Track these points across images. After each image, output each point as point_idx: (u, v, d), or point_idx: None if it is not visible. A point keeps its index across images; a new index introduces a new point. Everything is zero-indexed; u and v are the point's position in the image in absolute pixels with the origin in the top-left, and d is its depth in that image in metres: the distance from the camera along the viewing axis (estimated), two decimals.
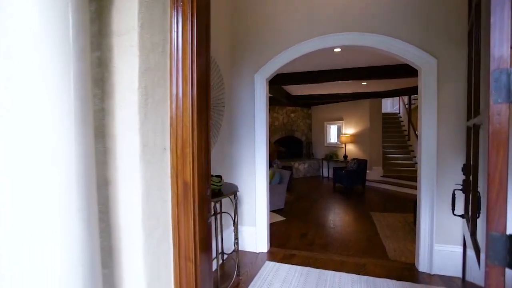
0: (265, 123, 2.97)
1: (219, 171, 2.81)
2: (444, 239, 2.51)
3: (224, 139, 2.99)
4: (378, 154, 8.28)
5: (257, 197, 3.11)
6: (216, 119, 2.75)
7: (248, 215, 3.19)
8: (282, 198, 5.56)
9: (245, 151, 3.12)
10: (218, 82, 2.76)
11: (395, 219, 4.84)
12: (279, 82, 5.66)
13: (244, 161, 3.14)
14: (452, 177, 2.42)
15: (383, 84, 6.86)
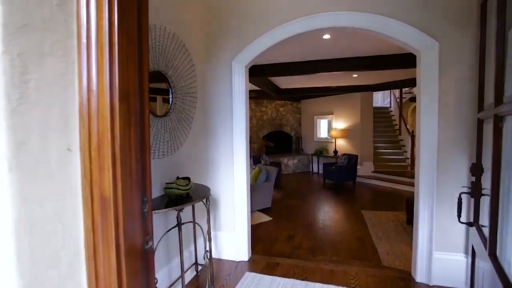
0: (245, 117, 2.62)
1: (190, 172, 2.45)
2: (445, 246, 2.23)
3: (198, 135, 2.63)
4: (369, 149, 8.06)
5: (236, 199, 2.77)
6: (187, 111, 2.38)
7: (226, 219, 2.85)
8: (269, 196, 5.24)
9: (223, 148, 2.77)
10: (189, 68, 2.38)
11: (386, 218, 4.60)
12: (265, 73, 5.29)
13: (222, 159, 2.79)
14: (456, 178, 2.14)
15: (375, 76, 6.59)
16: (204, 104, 2.74)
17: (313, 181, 8.09)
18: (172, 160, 2.17)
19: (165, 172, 2.08)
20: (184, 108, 2.33)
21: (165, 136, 2.07)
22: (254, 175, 5.45)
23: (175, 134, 2.21)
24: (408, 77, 6.69)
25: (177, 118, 2.24)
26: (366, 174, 7.94)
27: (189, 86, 2.40)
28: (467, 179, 2.11)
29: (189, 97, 2.39)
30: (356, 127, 8.21)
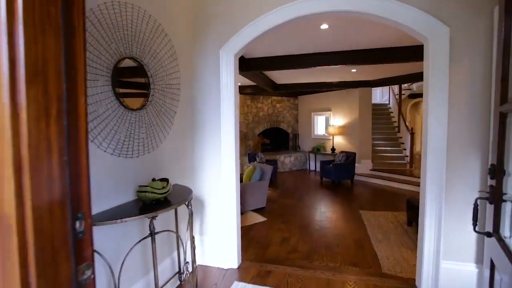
0: (234, 111, 2.38)
1: (172, 172, 2.21)
2: (454, 254, 2.02)
3: (181, 131, 2.39)
4: (367, 146, 7.85)
5: (224, 201, 2.54)
6: (168, 105, 2.13)
7: (214, 223, 2.61)
8: (264, 196, 5.02)
9: (210, 145, 2.53)
10: (170, 57, 2.13)
11: (386, 219, 4.39)
12: (260, 67, 5.04)
13: (209, 158, 2.54)
14: (467, 180, 1.92)
15: (374, 72, 6.36)
16: (189, 98, 2.49)
17: (310, 179, 7.88)
18: (149, 159, 1.93)
19: (141, 173, 1.84)
20: (164, 101, 2.08)
21: (140, 133, 1.83)
22: (248, 173, 5.22)
23: (154, 130, 1.97)
24: (409, 72, 6.48)
25: (156, 112, 1.99)
26: (364, 172, 7.74)
27: (170, 76, 2.15)
28: (481, 182, 1.90)
29: (170, 89, 2.14)
30: (354, 124, 7.99)
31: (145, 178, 1.87)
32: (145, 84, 1.88)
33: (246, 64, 5.05)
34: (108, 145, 1.58)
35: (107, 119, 1.55)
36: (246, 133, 8.88)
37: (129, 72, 1.76)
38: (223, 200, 2.54)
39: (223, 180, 2.50)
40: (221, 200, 2.55)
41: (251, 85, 8.26)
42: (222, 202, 2.55)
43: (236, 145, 2.46)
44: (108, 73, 1.56)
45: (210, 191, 2.58)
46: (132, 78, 1.81)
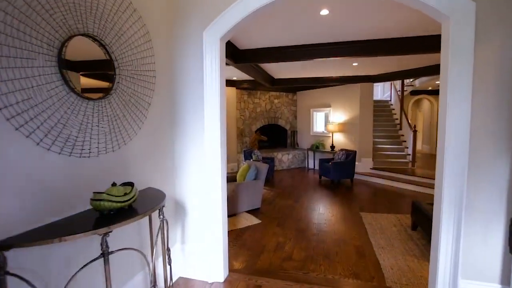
0: (219, 103, 2.05)
1: (145, 174, 1.89)
2: (475, 273, 1.72)
3: (157, 125, 2.06)
4: (368, 144, 7.54)
5: (209, 205, 2.22)
6: (139, 94, 1.80)
7: (197, 230, 2.30)
8: (259, 196, 4.72)
9: (193, 142, 2.20)
10: (141, 37, 1.80)
11: (388, 222, 4.10)
12: (256, 58, 4.70)
13: (191, 156, 2.22)
14: (495, 186, 1.62)
15: (376, 66, 6.03)
16: (167, 87, 2.16)
17: (308, 177, 7.58)
18: (114, 159, 1.61)
19: (103, 175, 1.52)
20: (135, 90, 1.76)
21: (101, 127, 1.50)
22: (242, 172, 4.92)
23: (120, 124, 1.65)
24: (415, 67, 6.13)
25: (123, 103, 1.67)
26: (365, 171, 7.45)
27: (142, 61, 1.82)
28: (511, 188, 1.59)
29: (143, 75, 1.82)
30: (355, 120, 7.68)
31: (109, 181, 1.55)
32: (108, 69, 1.56)
33: (240, 55, 4.71)
34: (53, 142, 1.26)
35: (50, 109, 1.23)
36: (242, 129, 8.55)
37: (85, 53, 1.43)
38: (208, 204, 2.23)
39: (207, 182, 2.18)
40: (206, 204, 2.24)
41: (248, 80, 7.93)
42: (207, 206, 2.23)
43: (223, 142, 2.15)
44: (51, 51, 1.23)
45: (193, 194, 2.26)
46: (91, 61, 1.48)
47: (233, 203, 4.35)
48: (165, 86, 2.13)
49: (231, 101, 8.22)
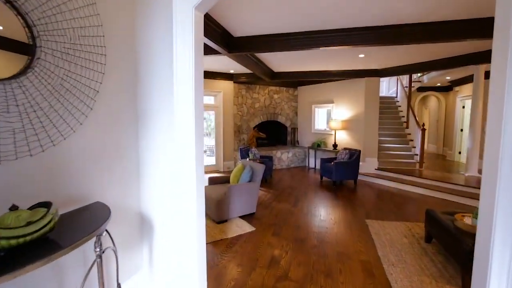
0: (193, 92, 1.59)
1: (93, 183, 1.45)
2: None
3: (112, 119, 1.61)
4: (373, 143, 7.08)
5: (181, 219, 1.77)
6: (77, 77, 1.35)
7: (167, 251, 1.86)
8: (254, 200, 4.28)
9: (161, 141, 1.75)
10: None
11: (398, 232, 3.65)
12: (251, 47, 4.22)
13: (159, 159, 1.78)
14: None
15: (385, 58, 5.54)
16: (125, 70, 1.71)
17: (308, 177, 7.13)
18: (33, 166, 1.17)
19: (20, 188, 1.08)
20: (71, 71, 1.32)
21: (8, 121, 1.05)
22: (236, 173, 4.47)
23: (44, 118, 1.20)
24: (431, 59, 5.60)
25: (49, 88, 1.22)
26: (369, 171, 6.99)
27: (83, 32, 1.36)
28: None
29: (83, 52, 1.37)
30: (359, 117, 7.20)
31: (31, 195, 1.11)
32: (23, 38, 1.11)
33: (235, 44, 4.24)
34: None
35: None
36: (240, 126, 8.10)
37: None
38: (181, 219, 1.78)
39: (179, 190, 1.73)
40: (178, 219, 1.79)
41: (246, 73, 7.46)
42: (180, 221, 1.79)
43: (198, 141, 1.69)
44: None
45: (162, 206, 1.82)
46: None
47: (225, 207, 3.91)
48: (124, 69, 1.67)
49: (228, 95, 7.75)
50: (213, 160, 7.88)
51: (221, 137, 7.72)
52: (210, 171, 7.68)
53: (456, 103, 8.57)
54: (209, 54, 4.52)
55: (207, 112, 8.11)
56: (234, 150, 7.94)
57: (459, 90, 8.38)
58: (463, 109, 8.20)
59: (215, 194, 4.01)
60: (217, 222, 3.92)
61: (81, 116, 1.37)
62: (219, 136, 7.75)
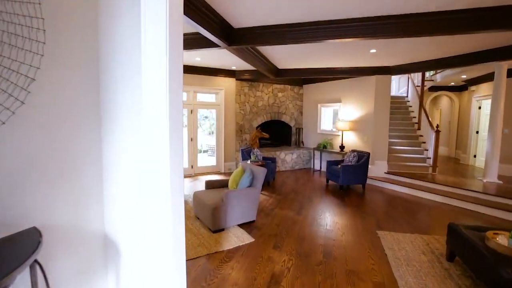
0: (167, 83, 1.22)
1: (20, 200, 1.11)
2: None
3: (59, 115, 1.27)
4: (383, 145, 6.66)
5: (155, 242, 1.41)
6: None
7: (139, 282, 1.50)
8: (254, 207, 3.92)
9: (128, 146, 1.40)
10: None
11: (414, 247, 3.26)
12: (252, 39, 3.85)
13: (125, 167, 1.42)
14: None
15: (400, 53, 5.12)
16: (78, 52, 1.36)
17: (313, 181, 6.75)
18: None
19: None
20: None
21: None
22: (235, 177, 4.11)
23: None
24: (449, 55, 5.13)
25: None
26: (378, 175, 6.58)
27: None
28: None
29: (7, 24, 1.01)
30: (368, 118, 6.79)
31: None
32: None
33: (235, 36, 3.88)
34: None
35: None
36: (242, 125, 7.74)
37: None
38: (155, 241, 1.42)
39: (151, 205, 1.37)
40: (152, 241, 1.44)
41: (249, 70, 7.10)
42: (154, 243, 1.43)
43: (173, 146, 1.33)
44: None
45: (132, 225, 1.46)
46: None
47: (221, 215, 3.56)
48: (78, 51, 1.32)
49: (230, 93, 7.40)
50: (213, 161, 7.54)
51: (222, 137, 7.38)
52: (210, 172, 7.35)
53: (471, 104, 8.09)
54: (208, 47, 4.17)
55: (209, 111, 7.77)
56: (235, 150, 7.59)
57: (475, 90, 7.90)
58: (480, 110, 7.73)
59: (212, 200, 3.66)
60: (213, 231, 3.57)
61: (3, 113, 1.02)
62: (220, 135, 7.40)
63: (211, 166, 7.44)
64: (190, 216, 4.14)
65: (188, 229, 3.67)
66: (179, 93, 1.24)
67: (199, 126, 7.52)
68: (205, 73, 6.93)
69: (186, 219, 4.03)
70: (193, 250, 3.10)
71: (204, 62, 6.28)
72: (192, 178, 6.73)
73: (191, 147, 7.03)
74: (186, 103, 6.91)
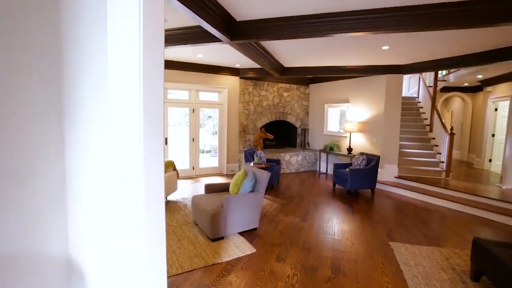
0: (139, 80, 0.96)
1: None
2: None
3: None
4: (393, 148, 6.33)
5: (129, 267, 1.14)
6: None
7: None
8: (256, 213, 3.64)
9: (95, 149, 1.14)
10: None
11: (433, 262, 2.95)
12: (256, 33, 3.58)
13: (94, 174, 1.16)
14: None
15: (411, 51, 4.79)
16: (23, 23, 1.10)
17: (319, 184, 6.45)
18: None
19: None
20: None
21: None
22: (236, 181, 3.85)
23: None
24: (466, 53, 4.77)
25: None
26: (388, 180, 6.26)
27: None
28: None
29: None
30: (378, 119, 6.46)
31: None
32: None
33: (238, 29, 3.61)
34: None
35: None
36: (246, 125, 7.48)
37: None
38: (129, 266, 1.15)
39: (123, 223, 1.11)
40: (126, 267, 1.17)
41: (254, 68, 6.83)
42: (128, 270, 1.16)
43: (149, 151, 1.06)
44: None
45: (102, 245, 1.20)
46: None
47: (221, 222, 3.30)
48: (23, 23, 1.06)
49: (234, 92, 7.14)
50: (215, 162, 7.29)
51: (225, 138, 7.12)
52: (212, 173, 7.10)
53: (486, 105, 7.70)
54: (210, 42, 3.91)
55: (213, 110, 7.52)
56: (239, 151, 7.33)
57: (491, 91, 7.51)
58: (496, 112, 7.34)
59: (211, 206, 3.40)
60: (211, 239, 3.31)
61: None
62: (223, 136, 7.15)
63: (213, 168, 7.19)
64: (188, 222, 3.89)
65: (185, 237, 3.42)
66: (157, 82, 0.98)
67: (202, 126, 7.28)
68: (207, 71, 6.68)
69: (184, 225, 3.77)
70: (189, 261, 2.84)
71: (207, 59, 6.03)
72: (193, 180, 6.49)
73: (192, 148, 6.78)
74: (187, 102, 6.68)
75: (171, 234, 3.49)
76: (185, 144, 6.78)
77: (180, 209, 4.44)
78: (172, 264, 2.78)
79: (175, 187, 4.93)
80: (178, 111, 7.14)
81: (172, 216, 4.12)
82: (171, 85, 6.31)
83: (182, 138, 6.95)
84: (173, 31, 4.04)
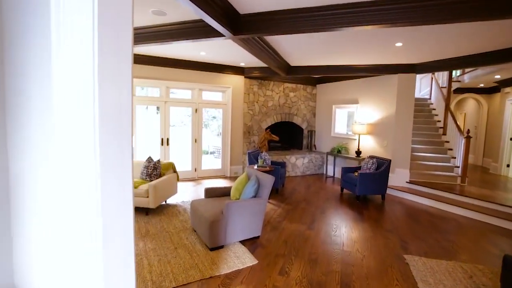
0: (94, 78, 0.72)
1: None
2: None
3: None
4: (405, 152, 6.00)
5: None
6: None
7: None
8: (259, 221, 3.39)
9: (43, 157, 0.91)
10: None
11: (455, 280, 2.65)
12: (261, 27, 3.33)
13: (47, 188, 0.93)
14: None
15: (426, 48, 4.48)
16: None
17: (326, 189, 6.16)
18: None
19: None
20: None
21: None
22: (238, 185, 3.60)
23: None
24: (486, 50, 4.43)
25: None
26: (399, 185, 5.94)
27: None
28: None
29: None
30: (388, 121, 6.15)
31: None
32: None
33: (242, 22, 3.37)
34: None
35: None
36: (250, 126, 7.23)
37: None
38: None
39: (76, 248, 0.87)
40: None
41: (259, 67, 6.59)
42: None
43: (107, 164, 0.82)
44: None
45: (55, 273, 0.96)
46: None
47: (220, 230, 3.05)
48: None
49: (238, 92, 6.91)
50: (218, 164, 7.06)
51: (228, 139, 6.89)
52: (215, 176, 6.87)
53: (504, 107, 7.31)
54: (212, 37, 3.68)
55: (217, 110, 7.30)
56: (243, 153, 7.08)
57: (510, 92, 7.12)
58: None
59: (210, 212, 3.16)
60: (210, 248, 3.07)
61: None
62: (227, 137, 6.92)
63: (216, 170, 6.96)
64: (187, 228, 3.66)
65: (182, 244, 3.18)
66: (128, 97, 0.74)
67: (205, 127, 7.07)
68: (211, 70, 6.46)
69: (181, 232, 3.54)
70: (184, 273, 2.60)
71: (210, 57, 5.81)
72: (195, 182, 6.27)
73: (195, 149, 6.57)
74: (190, 101, 6.47)
75: (167, 241, 3.25)
76: (187, 145, 6.57)
77: (179, 213, 4.21)
78: (165, 276, 2.54)
79: (174, 190, 4.71)
80: (180, 111, 6.93)
81: (170, 221, 3.89)
82: (172, 84, 6.12)
83: (185, 139, 6.74)
84: (173, 25, 3.83)
